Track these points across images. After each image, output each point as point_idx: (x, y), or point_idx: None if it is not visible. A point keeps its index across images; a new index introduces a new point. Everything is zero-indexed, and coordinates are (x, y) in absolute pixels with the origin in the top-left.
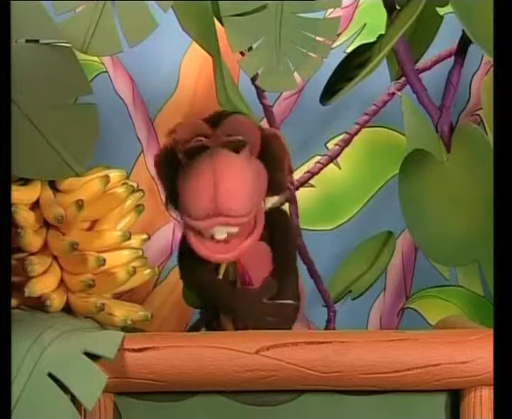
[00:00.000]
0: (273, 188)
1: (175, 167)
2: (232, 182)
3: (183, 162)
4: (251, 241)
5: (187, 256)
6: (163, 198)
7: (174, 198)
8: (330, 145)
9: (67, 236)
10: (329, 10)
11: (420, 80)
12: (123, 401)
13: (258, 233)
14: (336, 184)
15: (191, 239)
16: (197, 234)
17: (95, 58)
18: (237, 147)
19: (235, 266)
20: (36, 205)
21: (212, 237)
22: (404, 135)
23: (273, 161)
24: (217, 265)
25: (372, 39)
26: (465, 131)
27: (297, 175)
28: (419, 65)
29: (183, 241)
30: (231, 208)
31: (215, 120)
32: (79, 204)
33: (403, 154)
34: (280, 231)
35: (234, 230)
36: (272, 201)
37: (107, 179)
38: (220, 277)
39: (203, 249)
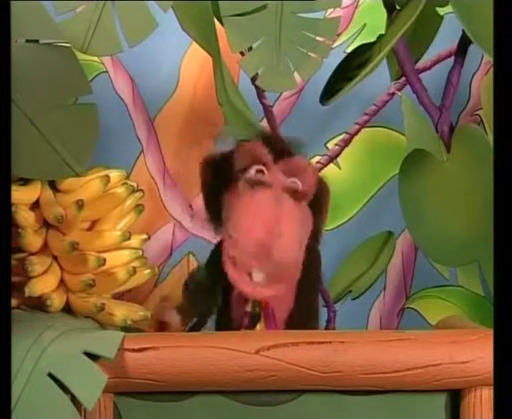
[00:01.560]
0: (314, 234)
1: (226, 183)
2: (291, 234)
3: (241, 190)
4: (287, 287)
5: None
6: (205, 210)
7: (217, 212)
8: (330, 145)
9: (67, 236)
10: (329, 10)
11: (420, 80)
12: (123, 401)
13: (294, 281)
14: (336, 184)
15: (230, 270)
16: (236, 265)
17: (95, 58)
18: (298, 196)
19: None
20: (36, 205)
21: (249, 274)
22: (404, 135)
23: (319, 209)
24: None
25: (372, 39)
26: (465, 131)
27: None
28: (419, 65)
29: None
30: (282, 257)
31: (273, 144)
32: (79, 204)
33: (403, 154)
34: (310, 273)
35: (271, 273)
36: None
37: (107, 179)
38: (248, 309)
39: (242, 284)
